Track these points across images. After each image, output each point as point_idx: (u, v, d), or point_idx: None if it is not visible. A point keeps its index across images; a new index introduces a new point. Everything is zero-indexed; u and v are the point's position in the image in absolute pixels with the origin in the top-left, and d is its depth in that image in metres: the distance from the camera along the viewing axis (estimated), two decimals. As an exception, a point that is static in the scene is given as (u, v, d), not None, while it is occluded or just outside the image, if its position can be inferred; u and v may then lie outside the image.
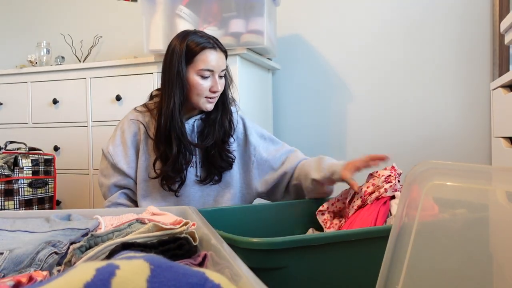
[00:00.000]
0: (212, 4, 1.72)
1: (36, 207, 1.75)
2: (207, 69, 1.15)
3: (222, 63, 1.18)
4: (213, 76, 1.17)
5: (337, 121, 2.06)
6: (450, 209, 0.61)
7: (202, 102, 1.18)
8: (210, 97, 1.18)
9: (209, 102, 1.19)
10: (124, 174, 1.24)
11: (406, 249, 0.58)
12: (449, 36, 1.88)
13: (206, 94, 1.17)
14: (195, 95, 1.17)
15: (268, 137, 1.35)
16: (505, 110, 1.07)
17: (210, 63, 1.15)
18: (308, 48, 2.10)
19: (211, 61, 1.15)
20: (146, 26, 1.78)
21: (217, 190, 1.28)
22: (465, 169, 0.59)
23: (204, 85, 1.16)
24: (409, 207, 0.60)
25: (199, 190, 1.26)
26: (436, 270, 0.58)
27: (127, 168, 1.24)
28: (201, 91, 1.16)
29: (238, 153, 1.30)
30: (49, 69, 2.08)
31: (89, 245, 0.56)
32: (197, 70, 1.15)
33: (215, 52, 1.16)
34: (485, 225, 0.59)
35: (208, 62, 1.15)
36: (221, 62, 1.18)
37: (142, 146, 1.24)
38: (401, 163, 1.94)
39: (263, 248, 0.77)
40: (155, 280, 0.33)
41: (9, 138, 1.90)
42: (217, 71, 1.17)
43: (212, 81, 1.17)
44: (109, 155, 1.24)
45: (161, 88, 1.20)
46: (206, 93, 1.17)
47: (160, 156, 1.19)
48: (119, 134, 1.27)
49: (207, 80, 1.16)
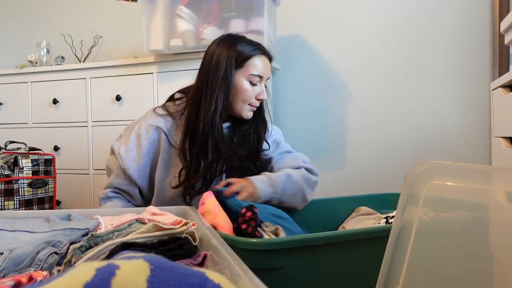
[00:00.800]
0: (212, 4, 1.72)
1: (36, 207, 1.75)
2: (257, 74, 1.12)
3: (269, 70, 1.16)
4: (261, 83, 1.15)
5: (337, 121, 2.06)
6: (450, 209, 0.61)
7: (245, 109, 1.15)
8: (254, 105, 1.15)
9: (251, 109, 1.16)
10: (131, 180, 1.17)
11: (406, 249, 0.58)
12: (449, 36, 1.88)
13: (252, 101, 1.14)
14: (241, 100, 1.13)
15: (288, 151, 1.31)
16: (505, 110, 1.07)
17: (262, 69, 1.12)
18: (308, 48, 2.10)
19: (263, 67, 1.13)
20: (146, 26, 1.78)
21: None
22: (465, 169, 0.59)
23: (252, 92, 1.12)
24: (409, 207, 0.60)
25: None
26: (436, 270, 0.58)
27: (137, 176, 1.16)
28: (248, 97, 1.12)
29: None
30: (49, 69, 2.08)
31: (89, 245, 0.56)
32: (248, 75, 1.11)
33: (265, 58, 1.15)
34: (485, 225, 0.59)
35: (260, 68, 1.12)
36: (268, 71, 1.16)
37: (162, 156, 1.16)
38: (401, 163, 1.95)
39: (262, 248, 0.77)
40: (155, 280, 0.33)
41: (9, 138, 1.90)
42: (265, 78, 1.15)
43: (260, 88, 1.14)
44: (120, 158, 1.15)
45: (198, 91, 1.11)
46: (252, 100, 1.14)
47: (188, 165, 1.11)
48: (134, 138, 1.17)
49: (256, 86, 1.13)
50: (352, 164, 2.03)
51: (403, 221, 0.59)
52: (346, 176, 2.04)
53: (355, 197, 1.35)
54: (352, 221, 1.25)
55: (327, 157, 2.07)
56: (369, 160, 1.99)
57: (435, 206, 0.60)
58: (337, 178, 2.05)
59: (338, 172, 2.05)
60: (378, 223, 1.15)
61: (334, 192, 2.03)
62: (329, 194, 2.03)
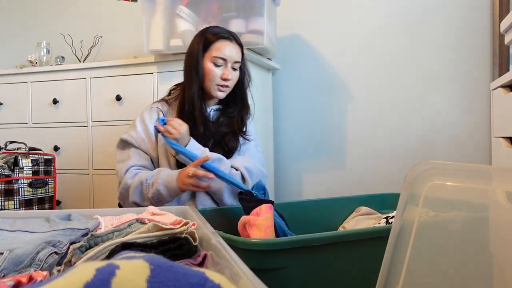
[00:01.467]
0: (212, 4, 1.72)
1: (36, 207, 1.75)
2: (220, 57, 1.25)
3: (235, 54, 1.27)
4: (226, 65, 1.26)
5: (337, 121, 2.06)
6: (450, 209, 0.61)
7: (214, 89, 1.27)
8: (221, 84, 1.27)
9: (219, 90, 1.28)
10: (146, 155, 1.28)
11: (406, 249, 0.58)
12: (449, 36, 1.88)
13: (218, 81, 1.26)
14: (208, 81, 1.26)
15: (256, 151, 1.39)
16: (505, 110, 1.07)
17: (223, 52, 1.25)
18: (308, 48, 2.10)
19: (225, 50, 1.25)
20: (146, 26, 1.78)
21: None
22: (465, 169, 0.59)
23: (216, 72, 1.25)
24: (409, 207, 0.60)
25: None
26: (436, 270, 0.58)
27: (151, 149, 1.28)
28: (213, 77, 1.25)
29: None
30: (49, 69, 2.08)
31: (89, 245, 0.56)
32: (211, 57, 1.25)
33: (229, 42, 1.27)
34: (485, 225, 0.59)
35: (222, 51, 1.25)
36: (234, 53, 1.27)
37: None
38: (401, 163, 1.95)
39: (263, 248, 0.77)
40: (155, 280, 0.33)
41: (9, 138, 1.90)
42: (230, 60, 1.26)
43: (224, 70, 1.26)
44: (132, 139, 1.27)
45: (184, 77, 1.31)
46: (218, 81, 1.26)
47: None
48: (139, 121, 1.31)
49: (220, 68, 1.26)
50: (352, 164, 2.03)
51: (403, 221, 0.59)
52: (346, 176, 2.04)
53: (355, 197, 1.35)
54: (352, 221, 1.26)
55: (327, 157, 2.07)
56: (369, 160, 1.99)
57: (435, 206, 0.60)
58: (337, 178, 2.05)
59: (338, 172, 2.05)
60: (378, 223, 1.16)
61: (334, 192, 2.04)
62: (329, 194, 2.04)
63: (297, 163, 2.11)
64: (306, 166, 2.11)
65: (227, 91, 1.30)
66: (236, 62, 1.28)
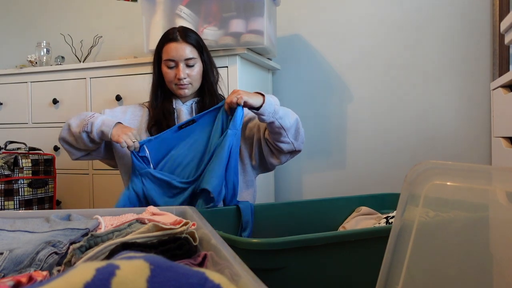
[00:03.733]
0: (212, 4, 1.72)
1: (36, 207, 1.75)
2: (168, 59, 1.32)
3: (183, 52, 1.31)
4: (177, 65, 1.32)
5: (337, 121, 2.06)
6: (450, 209, 0.61)
7: (175, 89, 1.34)
8: (178, 84, 1.33)
9: (179, 88, 1.33)
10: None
11: (406, 249, 0.58)
12: (449, 36, 1.88)
13: (175, 81, 1.33)
14: (168, 83, 1.35)
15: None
16: (505, 110, 1.07)
17: (170, 54, 1.31)
18: (308, 48, 2.10)
19: (171, 51, 1.31)
20: (146, 26, 1.78)
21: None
22: (465, 169, 0.59)
23: (170, 74, 1.33)
24: (409, 207, 0.60)
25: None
26: (436, 270, 0.58)
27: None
28: (169, 79, 1.33)
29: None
30: (49, 69, 2.07)
31: (89, 245, 0.56)
32: (163, 61, 1.34)
33: (175, 43, 1.32)
34: (485, 225, 0.59)
35: (169, 53, 1.32)
36: (181, 52, 1.31)
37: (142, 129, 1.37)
38: (401, 163, 1.95)
39: (263, 248, 0.77)
40: (155, 280, 0.33)
41: (9, 138, 1.90)
42: (179, 60, 1.31)
43: (176, 70, 1.32)
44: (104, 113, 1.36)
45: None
46: (175, 81, 1.32)
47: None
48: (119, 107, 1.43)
49: (173, 69, 1.32)
50: (352, 164, 2.03)
51: (403, 221, 0.59)
52: (346, 176, 2.04)
53: (355, 197, 1.35)
54: (352, 221, 1.26)
55: (327, 157, 2.07)
56: (369, 160, 1.99)
57: (435, 206, 0.60)
58: (337, 178, 2.05)
59: (338, 172, 2.05)
60: (378, 223, 1.16)
61: (334, 192, 2.03)
62: (329, 194, 2.04)
63: (297, 163, 2.11)
64: (306, 166, 2.11)
65: (190, 87, 1.34)
66: (188, 59, 1.32)
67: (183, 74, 1.31)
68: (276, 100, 1.24)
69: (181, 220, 0.63)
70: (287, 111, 1.26)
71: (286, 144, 1.27)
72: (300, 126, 1.31)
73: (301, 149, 1.34)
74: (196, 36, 1.38)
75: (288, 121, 1.24)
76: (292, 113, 1.29)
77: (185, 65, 1.32)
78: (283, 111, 1.23)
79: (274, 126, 1.22)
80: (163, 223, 0.60)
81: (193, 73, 1.33)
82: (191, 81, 1.33)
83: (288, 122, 1.24)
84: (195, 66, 1.34)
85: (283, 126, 1.22)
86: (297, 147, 1.31)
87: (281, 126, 1.22)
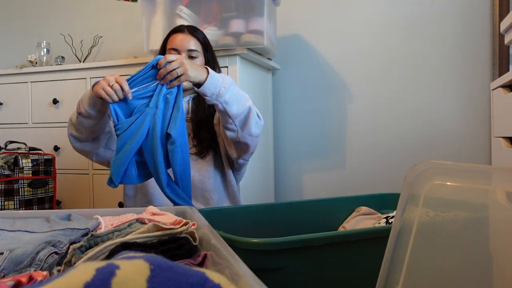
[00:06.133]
0: (212, 4, 1.72)
1: (36, 207, 1.75)
2: (171, 48, 1.33)
3: (187, 43, 1.33)
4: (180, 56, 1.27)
5: (337, 121, 2.06)
6: (450, 209, 0.61)
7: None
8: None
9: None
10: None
11: (406, 249, 0.58)
12: (449, 36, 1.88)
13: None
14: None
15: None
16: (505, 110, 1.07)
17: (174, 42, 1.34)
18: (308, 48, 2.10)
19: (175, 40, 1.34)
20: (146, 26, 1.78)
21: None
22: (465, 169, 0.59)
23: None
24: (409, 207, 0.60)
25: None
26: (436, 270, 0.58)
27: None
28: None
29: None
30: (49, 69, 2.07)
31: (89, 245, 0.56)
32: (167, 50, 1.35)
33: (181, 34, 1.35)
34: (485, 225, 0.59)
35: (173, 42, 1.34)
36: (185, 42, 1.33)
37: None
38: (401, 163, 1.95)
39: (263, 248, 0.77)
40: (155, 280, 0.33)
41: (9, 138, 1.90)
42: (182, 49, 1.33)
43: None
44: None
45: None
46: None
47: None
48: None
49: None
50: (352, 164, 2.03)
51: (403, 221, 0.59)
52: (346, 176, 2.04)
53: (355, 197, 1.35)
54: (352, 221, 1.26)
55: (327, 157, 2.07)
56: (369, 160, 1.99)
57: (435, 206, 0.60)
58: (337, 178, 2.05)
59: (338, 172, 2.05)
60: (378, 223, 1.16)
61: (334, 192, 2.04)
62: (329, 194, 2.04)
63: (297, 163, 2.11)
64: (306, 166, 2.11)
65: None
66: (190, 50, 1.33)
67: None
68: (227, 81, 1.14)
69: (181, 220, 0.63)
70: (240, 97, 1.16)
71: (231, 132, 1.19)
72: (252, 116, 1.18)
73: (248, 142, 1.22)
74: (203, 34, 1.40)
75: (236, 108, 1.14)
76: (247, 99, 1.19)
77: (188, 56, 1.32)
78: (231, 95, 1.13)
79: (218, 110, 1.15)
80: (163, 223, 0.60)
81: None
82: None
83: (235, 109, 1.14)
84: (197, 60, 1.34)
85: (227, 111, 1.13)
86: (241, 138, 1.20)
87: (225, 111, 1.14)
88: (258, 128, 1.22)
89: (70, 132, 1.27)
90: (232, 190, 1.36)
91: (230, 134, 1.20)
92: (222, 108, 1.13)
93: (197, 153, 1.33)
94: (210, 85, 1.09)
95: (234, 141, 1.23)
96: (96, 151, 1.30)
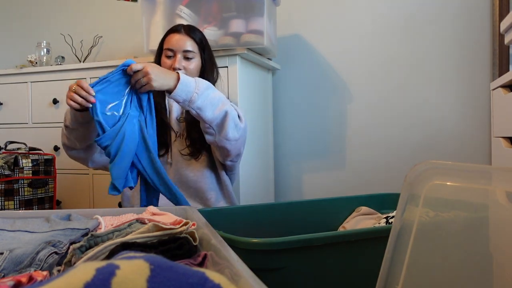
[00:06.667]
0: (212, 4, 1.72)
1: (36, 207, 1.75)
2: (167, 48, 1.33)
3: (183, 43, 1.33)
4: (175, 56, 1.32)
5: (337, 121, 2.06)
6: (450, 209, 0.61)
7: None
8: None
9: None
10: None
11: (406, 249, 0.58)
12: (449, 36, 1.88)
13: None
14: None
15: None
16: (505, 110, 1.07)
17: (170, 42, 1.33)
18: (308, 48, 2.10)
19: (171, 40, 1.33)
20: (146, 26, 1.78)
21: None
22: (465, 169, 0.59)
23: (167, 63, 1.32)
24: (409, 207, 0.60)
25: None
26: (436, 270, 0.58)
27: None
28: (165, 67, 1.29)
29: None
30: (49, 69, 2.07)
31: (89, 245, 0.56)
32: (163, 50, 1.35)
33: (177, 34, 1.34)
34: (485, 225, 0.59)
35: (169, 42, 1.33)
36: (181, 42, 1.32)
37: None
38: (401, 163, 1.95)
39: (263, 248, 0.77)
40: (155, 280, 0.33)
41: (9, 138, 1.90)
42: (178, 50, 1.32)
43: (173, 60, 1.32)
44: None
45: None
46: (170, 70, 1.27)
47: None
48: None
49: (171, 59, 1.33)
50: (352, 164, 2.03)
51: (403, 221, 0.60)
52: (346, 176, 2.04)
53: (355, 197, 1.35)
54: (352, 221, 1.26)
55: (327, 157, 2.07)
56: (369, 160, 1.99)
57: (435, 206, 0.60)
58: (337, 178, 2.05)
59: (338, 172, 2.05)
60: (378, 223, 1.16)
61: (334, 192, 2.04)
62: (329, 194, 2.04)
63: (297, 163, 2.12)
64: (306, 166, 2.11)
65: None
66: (186, 51, 1.32)
67: (179, 65, 1.30)
68: (201, 86, 1.13)
69: (181, 220, 0.63)
70: (215, 101, 1.14)
71: (210, 136, 1.19)
72: (229, 120, 1.16)
73: (225, 146, 1.21)
74: (201, 34, 1.38)
75: (211, 113, 1.13)
76: (224, 103, 1.16)
77: (183, 57, 1.32)
78: (205, 100, 1.12)
79: (193, 115, 1.15)
80: (163, 223, 0.60)
81: (190, 66, 1.32)
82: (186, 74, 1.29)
83: (209, 114, 1.13)
84: (193, 61, 1.34)
85: (201, 117, 1.13)
86: (219, 142, 1.19)
87: (199, 116, 1.13)
88: (237, 132, 1.20)
89: (62, 141, 1.29)
90: (227, 190, 1.36)
91: (208, 138, 1.21)
92: (196, 113, 1.14)
93: (191, 154, 1.33)
94: (181, 92, 1.10)
95: (213, 145, 1.24)
96: (91, 158, 1.31)
